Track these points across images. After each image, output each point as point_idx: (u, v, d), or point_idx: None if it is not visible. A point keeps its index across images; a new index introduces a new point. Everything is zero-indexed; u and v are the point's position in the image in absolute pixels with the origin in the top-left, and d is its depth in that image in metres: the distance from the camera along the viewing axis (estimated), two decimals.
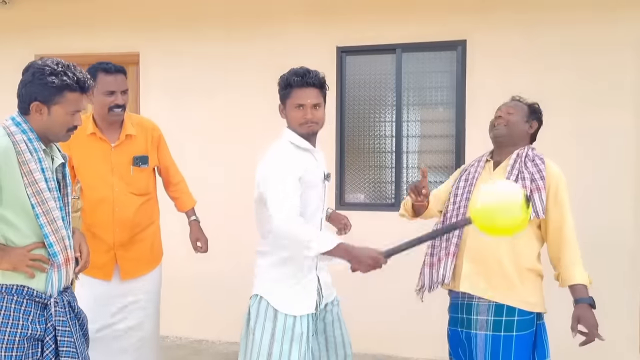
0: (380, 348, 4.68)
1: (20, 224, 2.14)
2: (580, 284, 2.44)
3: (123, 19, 5.22)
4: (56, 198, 2.21)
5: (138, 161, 3.13)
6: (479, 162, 2.76)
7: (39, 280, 2.18)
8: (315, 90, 2.53)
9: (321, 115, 2.56)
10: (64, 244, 2.22)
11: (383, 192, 4.85)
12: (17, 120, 2.20)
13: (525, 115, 2.71)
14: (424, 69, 4.72)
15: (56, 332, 2.18)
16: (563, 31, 4.35)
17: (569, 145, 4.29)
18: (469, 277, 2.53)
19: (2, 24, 5.45)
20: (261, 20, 4.94)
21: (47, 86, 2.16)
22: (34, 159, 2.15)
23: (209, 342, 5.00)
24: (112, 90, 2.98)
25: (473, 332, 2.51)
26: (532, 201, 2.47)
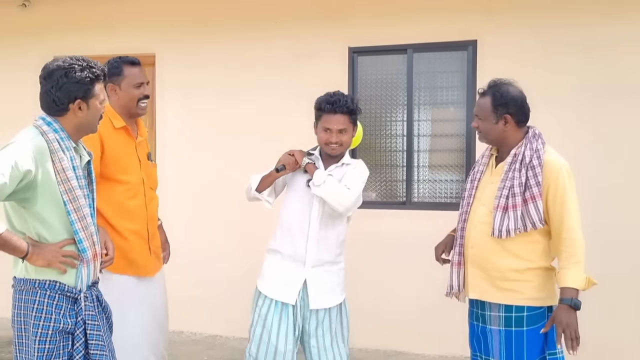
0: (392, 344, 4.73)
1: (53, 221, 2.20)
2: (570, 287, 2.40)
3: (139, 21, 5.30)
4: (86, 195, 2.28)
5: (151, 157, 3.21)
6: (483, 157, 2.75)
7: (69, 276, 2.25)
8: (343, 117, 2.76)
9: (346, 139, 2.80)
10: (92, 240, 2.29)
11: (394, 191, 4.90)
12: (48, 120, 2.26)
13: (491, 115, 2.57)
14: (435, 68, 4.76)
15: (86, 325, 2.26)
16: (572, 31, 4.37)
17: (578, 144, 4.31)
18: (475, 283, 2.60)
19: (22, 26, 5.56)
20: (275, 21, 5.00)
21: (83, 82, 2.24)
22: (67, 157, 2.22)
23: (222, 337, 5.08)
24: (140, 82, 3.01)
25: (488, 327, 2.57)
26: (527, 212, 2.44)
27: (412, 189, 4.80)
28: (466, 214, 2.68)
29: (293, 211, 2.84)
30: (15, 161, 2.06)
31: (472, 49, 4.60)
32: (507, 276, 2.51)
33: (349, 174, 2.82)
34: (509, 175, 2.50)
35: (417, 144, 4.83)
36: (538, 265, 2.52)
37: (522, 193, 2.46)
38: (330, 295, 2.80)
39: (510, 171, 2.51)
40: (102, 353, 2.29)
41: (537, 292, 2.51)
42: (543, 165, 2.47)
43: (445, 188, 4.80)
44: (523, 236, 2.48)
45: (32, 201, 2.16)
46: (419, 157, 4.84)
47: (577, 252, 2.43)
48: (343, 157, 2.89)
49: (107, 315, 2.44)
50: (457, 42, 4.65)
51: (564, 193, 2.45)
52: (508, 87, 2.60)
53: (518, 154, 2.52)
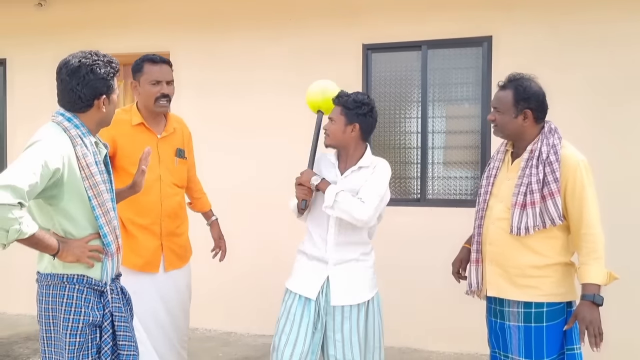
0: (406, 342, 4.72)
1: (79, 217, 2.23)
2: (591, 283, 2.38)
3: (153, 19, 5.34)
4: (108, 189, 2.31)
5: (180, 153, 3.17)
6: (498, 153, 2.72)
7: (95, 269, 2.28)
8: (336, 107, 2.85)
9: (333, 128, 2.83)
10: (115, 233, 2.32)
11: (409, 188, 4.89)
12: (68, 116, 2.27)
13: (511, 109, 2.54)
14: (449, 65, 4.74)
15: (113, 317, 2.30)
16: (588, 27, 4.33)
17: (594, 141, 4.27)
18: (494, 281, 2.58)
19: (37, 25, 5.62)
20: (288, 18, 5.01)
21: (106, 78, 2.27)
22: (90, 153, 2.24)
23: (237, 334, 5.11)
24: (158, 80, 3.00)
25: (507, 323, 2.55)
26: (546, 208, 2.43)
27: (426, 186, 4.78)
28: (483, 211, 2.65)
29: (313, 217, 2.88)
30: (45, 160, 2.08)
31: (487, 45, 4.57)
32: (526, 273, 2.49)
33: (368, 179, 2.77)
34: (526, 172, 2.48)
35: (432, 140, 4.81)
36: (557, 261, 2.49)
37: (540, 190, 2.44)
38: (354, 293, 2.77)
39: (527, 168, 2.48)
40: (130, 344, 2.33)
41: (556, 287, 2.48)
42: (560, 161, 2.44)
43: (460, 185, 4.77)
44: (542, 232, 2.46)
45: (59, 198, 2.18)
46: (433, 154, 4.82)
47: (598, 247, 2.40)
48: (361, 159, 2.84)
49: (130, 307, 2.49)
50: (472, 39, 4.62)
51: (583, 188, 2.42)
52: (530, 82, 2.57)
53: (534, 150, 2.50)
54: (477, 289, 2.68)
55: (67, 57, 2.32)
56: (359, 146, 2.85)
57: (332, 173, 2.86)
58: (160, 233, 3.05)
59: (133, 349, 2.34)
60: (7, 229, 1.99)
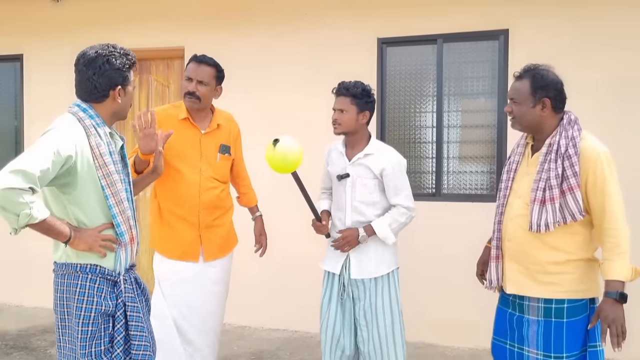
0: (421, 337, 4.71)
1: (92, 206, 2.25)
2: (615, 280, 2.30)
3: (168, 15, 5.35)
4: (122, 180, 2.34)
5: (224, 150, 3.25)
6: (519, 146, 2.65)
7: (109, 259, 2.31)
8: (344, 98, 3.06)
9: (344, 119, 3.06)
10: (129, 223, 2.35)
11: (424, 182, 4.87)
12: (84, 107, 2.30)
13: (529, 98, 2.47)
14: (465, 59, 4.71)
15: (126, 307, 2.33)
16: (607, 21, 4.28)
17: (614, 137, 4.22)
18: (514, 278, 2.53)
19: (53, 21, 5.66)
20: (303, 13, 5.00)
21: (122, 69, 2.32)
22: (104, 143, 2.27)
23: (251, 328, 5.13)
24: (189, 77, 3.11)
25: (525, 316, 2.50)
26: (566, 204, 2.35)
27: (441, 181, 4.76)
28: (503, 207, 2.60)
29: (335, 201, 3.20)
30: (57, 147, 2.10)
31: (504, 38, 4.53)
32: (547, 269, 2.43)
33: (390, 179, 3.04)
34: (545, 167, 2.41)
35: (447, 135, 4.78)
36: (578, 256, 2.43)
37: (560, 185, 2.37)
38: (373, 266, 3.05)
39: (545, 162, 2.41)
40: (142, 334, 2.35)
41: (578, 284, 2.42)
42: (580, 154, 2.36)
43: (476, 179, 4.74)
44: (562, 228, 2.39)
45: (72, 186, 2.21)
46: (448, 149, 4.79)
47: (621, 242, 2.32)
48: (367, 146, 3.10)
49: (145, 297, 2.50)
50: (488, 32, 4.58)
51: (604, 181, 2.34)
52: (547, 71, 2.50)
53: (553, 143, 2.42)
54: (497, 285, 2.63)
55: (84, 48, 2.36)
56: (366, 132, 3.15)
57: (341, 161, 3.15)
58: (199, 225, 3.14)
59: (145, 339, 2.36)
60: (18, 213, 2.02)
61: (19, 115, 5.87)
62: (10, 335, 4.91)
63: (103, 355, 2.26)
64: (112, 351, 2.29)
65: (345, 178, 3.07)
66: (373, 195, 3.06)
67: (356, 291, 3.06)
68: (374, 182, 3.05)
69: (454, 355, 4.47)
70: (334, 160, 3.20)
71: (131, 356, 2.32)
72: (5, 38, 5.82)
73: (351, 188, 3.07)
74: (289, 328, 5.06)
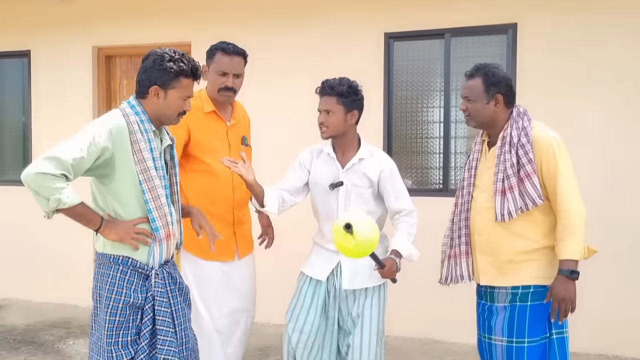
0: (427, 333, 4.70)
1: (129, 199, 2.31)
2: (567, 259, 2.40)
3: (175, 10, 5.35)
4: (161, 177, 2.37)
5: (245, 141, 3.17)
6: (476, 144, 2.76)
7: (142, 253, 2.35)
8: (329, 98, 2.80)
9: (332, 120, 2.80)
10: (166, 220, 2.37)
11: (431, 178, 4.84)
12: (132, 103, 2.38)
13: (482, 96, 2.57)
14: (473, 53, 4.66)
15: (155, 301, 2.34)
16: (617, 13, 4.23)
17: (620, 127, 4.19)
18: (484, 270, 2.62)
19: (61, 17, 5.67)
20: (310, 7, 4.98)
21: (166, 71, 2.33)
22: (144, 139, 2.31)
23: (258, 324, 5.11)
24: (225, 72, 2.97)
25: (495, 305, 2.58)
26: (525, 190, 2.44)
27: (449, 176, 4.73)
28: (468, 203, 2.69)
29: (322, 212, 2.93)
30: (94, 137, 2.20)
31: (512, 32, 4.48)
32: (515, 258, 2.52)
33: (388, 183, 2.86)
34: (501, 159, 2.52)
35: (455, 130, 4.75)
36: (544, 244, 2.51)
37: (517, 173, 2.47)
38: (366, 276, 2.82)
39: (501, 154, 2.52)
40: (168, 329, 2.35)
41: (544, 270, 2.50)
42: (533, 142, 2.48)
43: None
44: (526, 217, 2.48)
45: (110, 178, 2.28)
46: (456, 144, 4.76)
47: (572, 222, 2.41)
48: (359, 150, 2.87)
49: (183, 294, 2.50)
50: (496, 26, 4.54)
51: (556, 165, 2.45)
52: (497, 68, 2.62)
53: (506, 135, 2.54)
54: (468, 280, 2.71)
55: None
56: (355, 133, 2.90)
57: (332, 167, 2.88)
58: (233, 221, 3.05)
59: (171, 336, 2.35)
60: (48, 197, 2.12)
61: (27, 111, 5.89)
62: (18, 330, 4.94)
63: (129, 346, 2.29)
64: (138, 343, 2.31)
65: (338, 187, 2.84)
66: (368, 205, 2.85)
67: (344, 302, 2.85)
68: (369, 191, 2.85)
69: (461, 352, 4.45)
70: (320, 166, 2.93)
71: (156, 350, 2.33)
72: (13, 34, 5.83)
73: (345, 198, 2.84)
74: None
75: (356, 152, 2.87)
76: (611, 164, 4.24)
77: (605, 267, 4.08)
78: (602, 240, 4.14)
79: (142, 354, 2.30)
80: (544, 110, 4.03)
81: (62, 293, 5.68)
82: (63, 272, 5.68)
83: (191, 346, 2.49)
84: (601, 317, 4.26)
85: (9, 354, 4.38)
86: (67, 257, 5.66)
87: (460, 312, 4.57)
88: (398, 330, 4.75)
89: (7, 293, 5.88)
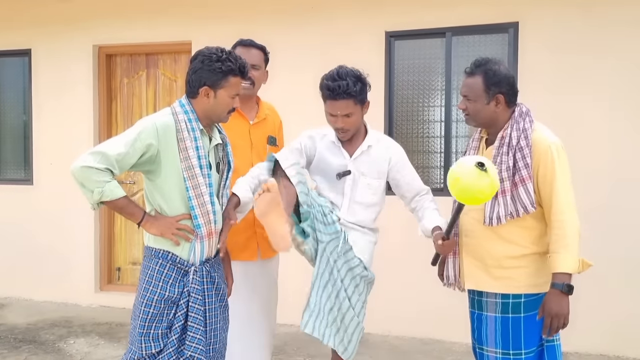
0: (428, 332, 4.70)
1: (173, 195, 2.36)
2: (560, 272, 2.29)
3: (176, 9, 5.34)
4: (206, 175, 2.39)
5: (272, 141, 3.13)
6: (473, 141, 2.64)
7: (183, 249, 2.39)
8: (346, 102, 2.61)
9: (353, 122, 2.67)
10: (208, 217, 2.39)
11: (432, 177, 4.83)
12: (182, 102, 2.42)
13: (483, 95, 2.43)
14: (474, 52, 4.65)
15: (190, 297, 2.37)
16: (617, 9, 4.21)
17: (624, 125, 4.18)
18: (471, 273, 2.52)
19: (61, 15, 5.67)
20: (311, 6, 4.97)
21: (215, 72, 2.35)
22: (190, 138, 2.35)
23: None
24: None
25: (484, 314, 2.49)
26: (518, 196, 2.34)
27: None
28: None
29: (328, 190, 2.77)
30: (139, 135, 2.28)
31: (514, 31, 4.47)
32: (502, 264, 2.41)
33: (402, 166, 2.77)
34: (497, 160, 2.39)
35: (456, 129, 4.74)
36: (533, 250, 2.41)
37: (512, 177, 2.36)
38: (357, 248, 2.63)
39: (498, 155, 2.40)
40: (198, 327, 2.37)
41: (534, 278, 2.40)
42: (531, 145, 2.35)
43: None
44: (516, 222, 2.38)
45: (156, 174, 2.35)
46: (457, 143, 4.75)
47: (567, 234, 2.29)
48: (366, 137, 2.76)
49: (218, 293, 2.50)
50: (497, 25, 4.53)
51: (553, 173, 2.32)
52: (499, 65, 2.47)
53: (505, 136, 2.41)
54: (454, 281, 2.62)
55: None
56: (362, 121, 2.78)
57: (338, 155, 2.75)
58: (254, 221, 2.93)
59: (200, 334, 2.37)
60: (92, 189, 2.23)
61: (28, 110, 5.89)
62: (19, 329, 4.94)
63: (160, 338, 2.34)
64: (168, 337, 2.34)
65: (346, 175, 2.71)
66: (375, 197, 2.75)
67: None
68: (377, 182, 2.74)
69: (461, 351, 4.44)
70: (325, 152, 2.78)
71: (184, 346, 2.35)
72: (14, 33, 5.83)
73: (351, 187, 2.72)
74: (296, 323, 5.04)
75: (363, 139, 2.75)
76: (615, 162, 4.23)
77: (606, 267, 4.08)
78: (603, 240, 4.15)
79: (171, 348, 2.33)
80: (546, 109, 4.01)
81: (63, 292, 5.69)
82: (64, 271, 5.68)
83: (218, 348, 2.51)
84: (602, 317, 4.25)
85: (10, 353, 4.38)
86: (68, 256, 5.66)
87: (461, 311, 4.55)
88: (398, 330, 4.75)
89: (8, 292, 5.89)
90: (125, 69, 5.72)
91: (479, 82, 2.45)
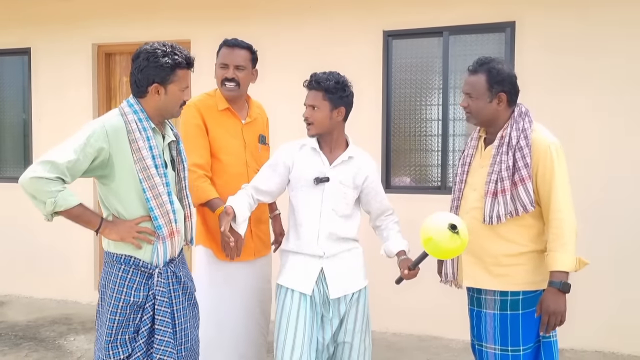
0: (426, 329, 4.73)
1: (130, 198, 2.30)
2: (557, 270, 2.33)
3: (174, 8, 5.36)
4: (162, 174, 2.34)
5: (263, 140, 3.13)
6: (472, 140, 2.66)
7: (145, 252, 2.34)
8: (315, 92, 2.67)
9: (317, 117, 2.66)
10: (168, 217, 2.35)
11: (429, 176, 4.86)
12: (131, 102, 2.36)
13: (485, 93, 2.46)
14: (471, 51, 4.68)
15: (155, 300, 2.33)
16: (614, 9, 4.24)
17: (619, 125, 4.21)
18: (469, 271, 2.55)
19: (60, 14, 5.68)
20: (309, 5, 4.99)
21: (163, 67, 2.31)
22: (142, 137, 2.30)
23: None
24: (224, 63, 2.94)
25: (483, 310, 2.52)
26: (517, 195, 2.37)
27: (447, 174, 4.75)
28: (458, 200, 2.63)
29: (301, 214, 2.72)
30: (89, 139, 2.20)
31: (510, 30, 4.50)
32: (501, 261, 2.45)
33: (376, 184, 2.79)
34: (497, 159, 2.43)
35: (453, 128, 4.77)
36: (531, 248, 2.45)
37: (511, 176, 2.39)
38: (352, 281, 2.73)
39: (498, 155, 2.43)
40: (166, 330, 2.33)
41: (532, 276, 2.44)
42: (531, 145, 2.39)
43: None
44: (515, 220, 2.42)
45: (110, 178, 2.28)
46: (454, 142, 4.78)
47: (564, 233, 2.33)
48: (349, 148, 2.75)
49: (185, 292, 2.48)
50: (494, 24, 4.56)
51: (552, 172, 2.36)
52: (502, 65, 2.49)
53: (505, 136, 2.44)
54: (453, 279, 2.66)
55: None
56: (342, 130, 2.75)
57: (317, 162, 2.70)
58: (250, 220, 2.89)
59: (168, 336, 2.34)
60: (45, 200, 2.13)
61: (27, 109, 5.90)
62: (19, 326, 4.97)
63: (127, 343, 2.29)
64: (136, 341, 2.30)
65: (324, 182, 2.66)
66: (348, 208, 2.71)
67: (336, 313, 2.69)
68: (353, 193, 2.71)
69: (458, 348, 4.48)
70: (304, 160, 2.73)
71: (153, 350, 2.31)
72: (13, 31, 5.85)
73: (329, 196, 2.67)
74: None
75: (344, 151, 2.74)
76: (611, 161, 4.26)
77: (602, 265, 4.11)
78: (600, 238, 4.18)
79: (139, 352, 2.29)
80: (542, 107, 4.04)
81: (64, 289, 5.72)
82: (64, 268, 5.71)
83: (190, 346, 2.47)
84: (597, 314, 4.29)
85: (10, 350, 4.41)
86: (68, 253, 5.69)
87: (458, 308, 4.59)
88: (396, 326, 4.79)
89: (8, 289, 5.91)
90: (125, 68, 5.74)
91: (482, 80, 2.47)
